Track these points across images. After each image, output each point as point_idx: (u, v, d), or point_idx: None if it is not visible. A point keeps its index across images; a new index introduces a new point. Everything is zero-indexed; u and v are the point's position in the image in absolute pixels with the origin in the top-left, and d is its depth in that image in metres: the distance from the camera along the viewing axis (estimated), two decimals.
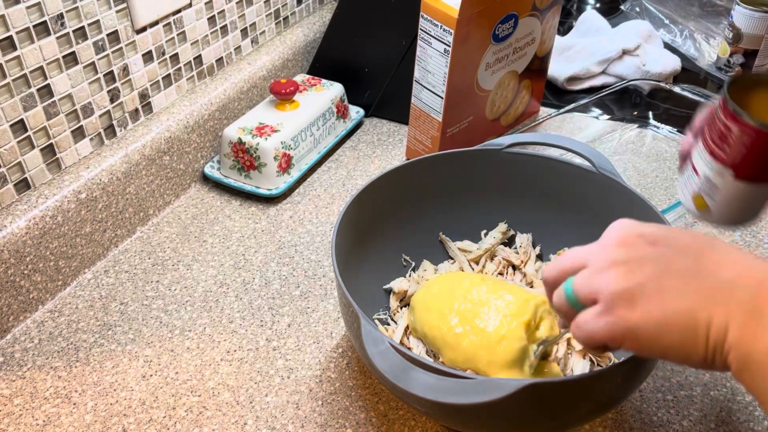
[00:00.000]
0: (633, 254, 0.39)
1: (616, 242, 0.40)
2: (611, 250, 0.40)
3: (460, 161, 0.67)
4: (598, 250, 0.41)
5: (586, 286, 0.40)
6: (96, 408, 0.59)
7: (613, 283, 0.39)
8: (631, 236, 0.40)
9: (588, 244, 0.43)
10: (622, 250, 0.40)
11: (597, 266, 0.40)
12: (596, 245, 0.42)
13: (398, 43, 0.93)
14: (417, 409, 0.54)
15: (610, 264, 0.39)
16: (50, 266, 0.68)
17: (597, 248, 0.41)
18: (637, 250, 0.39)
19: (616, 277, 0.39)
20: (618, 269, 0.39)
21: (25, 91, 0.65)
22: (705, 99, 0.89)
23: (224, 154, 0.83)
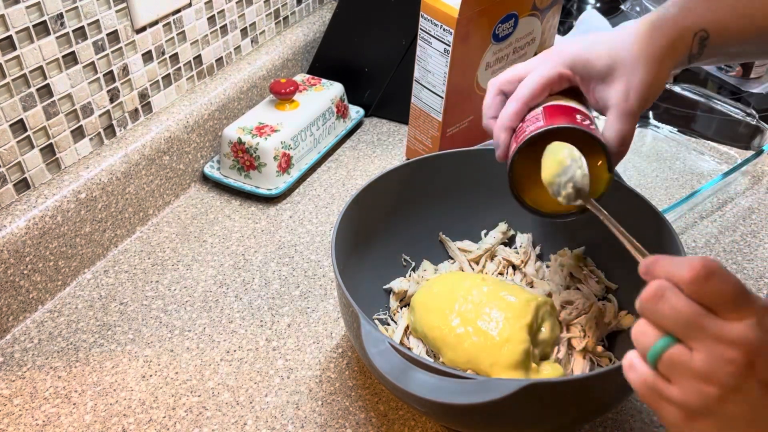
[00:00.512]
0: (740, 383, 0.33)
1: (742, 360, 0.33)
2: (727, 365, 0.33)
3: (460, 161, 0.67)
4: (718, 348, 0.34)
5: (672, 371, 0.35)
6: (96, 408, 0.59)
7: (694, 405, 0.34)
8: (759, 362, 0.33)
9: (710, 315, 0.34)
10: (736, 376, 0.33)
11: (701, 365, 0.34)
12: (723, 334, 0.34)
13: (398, 43, 0.93)
14: (417, 409, 0.54)
15: (711, 377, 0.34)
16: (50, 266, 0.68)
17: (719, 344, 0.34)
18: (747, 382, 0.33)
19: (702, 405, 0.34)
20: (712, 400, 0.34)
21: (25, 91, 0.65)
22: (705, 99, 0.89)
23: (224, 154, 0.83)
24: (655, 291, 0.35)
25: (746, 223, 0.78)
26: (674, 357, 0.35)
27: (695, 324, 0.34)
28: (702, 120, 0.91)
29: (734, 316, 0.34)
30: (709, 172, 0.86)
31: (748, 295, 0.34)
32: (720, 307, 0.34)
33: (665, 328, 0.35)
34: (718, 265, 0.34)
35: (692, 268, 0.34)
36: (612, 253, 0.66)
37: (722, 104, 0.89)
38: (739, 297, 0.34)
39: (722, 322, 0.34)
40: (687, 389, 0.34)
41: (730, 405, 0.34)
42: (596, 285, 0.64)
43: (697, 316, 0.34)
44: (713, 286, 0.34)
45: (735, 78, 1.05)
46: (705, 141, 0.91)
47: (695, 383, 0.34)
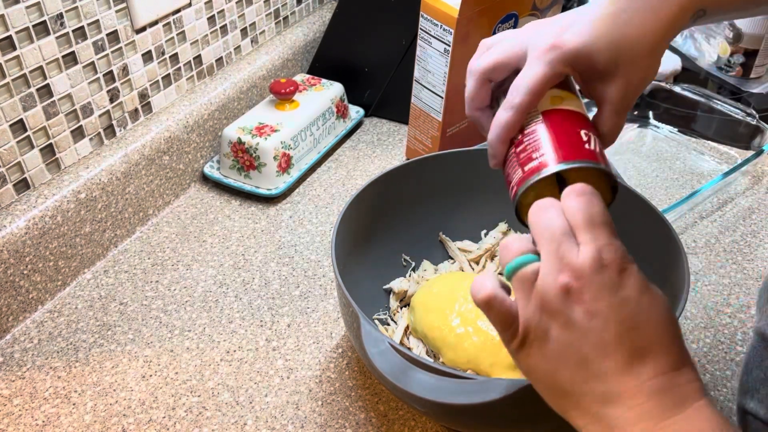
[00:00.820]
0: (566, 312, 0.36)
1: (568, 285, 0.36)
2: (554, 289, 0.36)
3: (460, 161, 0.67)
4: (555, 269, 0.36)
5: (520, 289, 0.38)
6: (95, 408, 0.59)
7: (529, 318, 0.37)
8: (587, 293, 0.35)
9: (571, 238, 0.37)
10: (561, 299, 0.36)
11: (539, 285, 0.37)
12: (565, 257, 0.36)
13: (398, 43, 0.93)
14: (417, 410, 0.54)
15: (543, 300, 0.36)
16: (50, 266, 0.68)
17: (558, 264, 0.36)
18: (573, 311, 0.36)
19: (535, 317, 0.37)
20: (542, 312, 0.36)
21: (25, 91, 0.65)
22: (705, 99, 0.89)
23: (224, 154, 0.83)
24: (544, 203, 0.39)
25: (746, 223, 0.78)
26: (525, 274, 0.37)
27: (554, 238, 0.37)
28: (702, 120, 0.91)
29: (585, 240, 0.36)
30: (709, 172, 0.86)
31: (608, 227, 0.37)
32: (579, 228, 0.37)
33: (534, 237, 0.38)
34: (595, 193, 0.38)
35: (578, 186, 0.38)
36: None
37: (722, 104, 0.89)
38: (598, 224, 0.37)
39: (573, 245, 0.36)
40: (526, 308, 0.37)
41: (556, 328, 0.36)
42: None
43: (560, 232, 0.37)
44: (579, 204, 0.37)
45: (735, 78, 1.05)
46: (705, 141, 0.91)
47: (531, 303, 0.37)
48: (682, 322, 0.66)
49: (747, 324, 0.65)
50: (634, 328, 0.35)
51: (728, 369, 0.61)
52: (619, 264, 0.36)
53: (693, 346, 0.63)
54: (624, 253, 0.37)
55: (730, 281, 0.70)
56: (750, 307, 0.67)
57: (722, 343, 0.64)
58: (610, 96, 0.48)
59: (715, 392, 0.59)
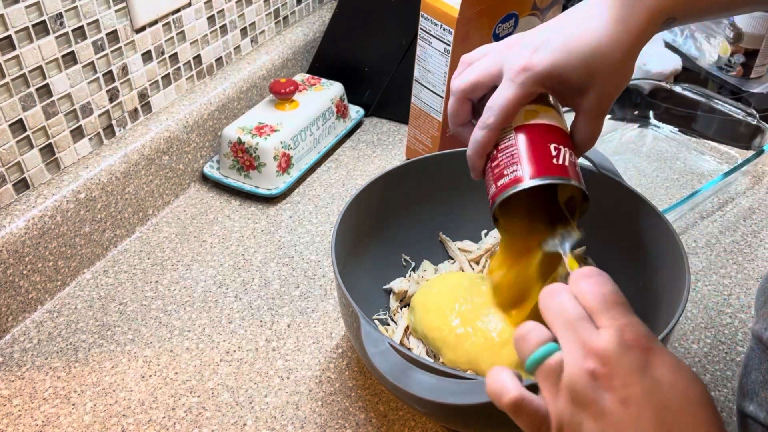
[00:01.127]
0: (598, 402, 0.34)
1: (598, 371, 0.34)
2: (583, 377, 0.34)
3: (460, 161, 0.67)
4: (580, 356, 0.35)
5: (546, 382, 0.36)
6: (95, 408, 0.58)
7: (562, 415, 0.35)
8: (617, 378, 0.34)
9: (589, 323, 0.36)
10: (592, 388, 0.34)
11: (565, 377, 0.35)
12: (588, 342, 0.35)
13: (398, 42, 0.93)
14: (417, 410, 0.54)
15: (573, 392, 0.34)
16: (49, 266, 0.68)
17: (582, 351, 0.35)
18: (606, 400, 0.34)
19: (567, 412, 0.35)
20: (575, 405, 0.34)
21: (24, 91, 0.65)
22: (706, 99, 0.89)
23: (224, 154, 0.83)
24: (554, 288, 0.38)
25: (747, 223, 0.78)
26: (551, 366, 0.36)
27: (571, 324, 0.35)
28: (702, 120, 0.91)
29: (604, 322, 0.35)
30: (709, 172, 0.86)
31: (620, 304, 0.36)
32: (595, 311, 0.36)
33: (549, 325, 0.37)
34: (603, 273, 0.37)
35: (583, 269, 0.38)
36: (612, 253, 0.66)
37: (722, 104, 0.89)
38: (613, 304, 0.35)
39: (592, 329, 0.35)
40: (557, 402, 0.35)
41: (589, 422, 0.34)
42: None
43: (576, 318, 0.36)
44: (590, 286, 0.36)
45: (735, 78, 1.05)
46: (705, 141, 0.91)
47: (562, 397, 0.35)
48: (682, 323, 0.66)
49: (747, 324, 0.65)
50: (670, 412, 0.33)
51: (729, 369, 0.61)
52: (644, 343, 0.34)
53: (693, 346, 0.63)
54: (646, 331, 0.35)
55: (730, 281, 0.70)
56: (750, 308, 0.67)
57: (723, 343, 0.64)
58: (585, 106, 0.50)
59: (715, 392, 0.59)
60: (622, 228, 0.63)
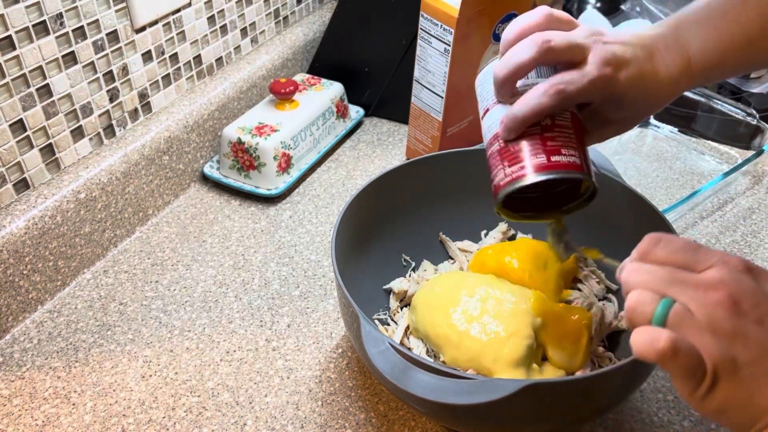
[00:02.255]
0: (740, 328, 0.35)
1: (727, 300, 0.35)
2: (718, 310, 0.35)
3: (460, 161, 0.67)
4: (702, 295, 0.36)
5: (683, 330, 0.36)
6: (95, 408, 0.58)
7: (715, 352, 0.35)
8: (745, 302, 0.35)
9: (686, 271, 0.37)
10: (730, 317, 0.35)
11: (700, 317, 0.35)
12: (702, 281, 0.36)
13: (398, 42, 0.93)
14: (417, 410, 0.54)
15: (714, 327, 0.35)
16: (49, 266, 0.68)
17: (701, 290, 0.36)
18: (745, 324, 0.35)
19: (719, 347, 0.35)
20: (721, 339, 0.35)
21: (24, 91, 0.65)
22: (705, 99, 0.89)
23: (224, 154, 0.83)
24: (629, 268, 0.39)
25: (747, 223, 0.78)
26: (679, 314, 0.36)
27: (673, 279, 0.36)
28: (702, 120, 0.91)
29: (700, 266, 0.37)
30: (709, 172, 0.86)
31: (700, 246, 0.38)
32: (683, 263, 0.37)
33: (656, 289, 0.37)
34: (661, 233, 0.39)
35: (643, 241, 0.39)
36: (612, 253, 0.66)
37: (722, 104, 0.89)
38: (694, 249, 0.37)
39: (695, 274, 0.37)
40: (704, 343, 0.35)
41: (741, 350, 0.35)
42: (597, 285, 0.64)
43: (674, 273, 0.37)
44: (664, 247, 0.38)
45: (735, 78, 1.05)
46: (705, 141, 0.91)
47: (707, 336, 0.35)
48: None
49: None
50: None
51: None
52: (745, 263, 0.36)
53: None
54: (735, 256, 0.37)
55: None
56: None
57: None
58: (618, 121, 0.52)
59: None
60: (622, 228, 0.63)
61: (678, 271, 0.37)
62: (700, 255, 0.37)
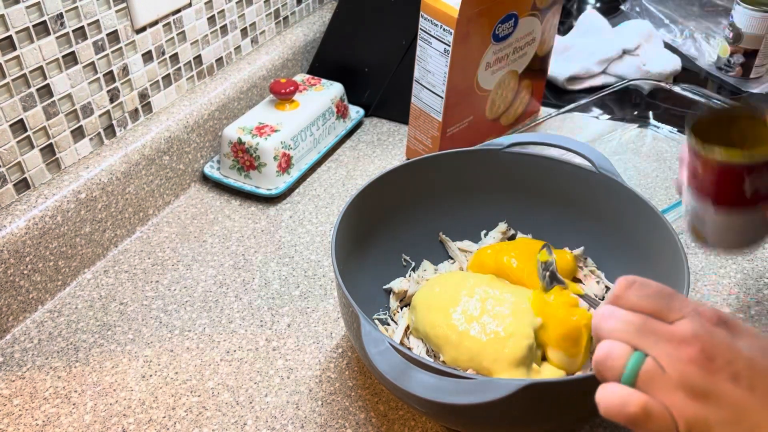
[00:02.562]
0: (713, 387, 0.33)
1: (700, 356, 0.33)
2: (690, 367, 0.33)
3: (460, 161, 0.67)
4: (674, 349, 0.34)
5: (654, 388, 0.34)
6: (95, 408, 0.59)
7: (687, 412, 0.33)
8: (719, 358, 0.33)
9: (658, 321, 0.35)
10: (703, 375, 0.33)
11: (671, 373, 0.34)
12: (674, 334, 0.34)
13: (398, 43, 0.93)
14: (417, 410, 0.54)
15: (686, 385, 0.33)
16: (50, 266, 0.68)
17: (673, 344, 0.34)
18: (718, 382, 0.33)
19: (691, 407, 0.33)
20: (694, 398, 0.33)
21: (25, 91, 0.65)
22: (705, 99, 0.89)
23: (224, 154, 0.83)
24: (601, 311, 0.37)
25: None
26: (650, 371, 0.34)
27: (646, 329, 0.35)
28: None
29: (673, 316, 0.35)
30: None
31: (676, 294, 0.36)
32: (656, 311, 0.35)
33: (624, 340, 0.35)
34: (637, 276, 0.37)
35: (617, 284, 0.37)
36: (612, 253, 0.66)
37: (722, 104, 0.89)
38: (667, 296, 0.36)
39: (667, 324, 0.35)
40: (676, 403, 0.33)
41: (713, 411, 0.33)
42: (596, 285, 0.65)
43: (645, 322, 0.35)
44: (637, 292, 0.36)
45: (735, 78, 1.05)
46: None
47: (679, 395, 0.33)
48: None
49: (747, 324, 0.65)
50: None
51: None
52: (719, 315, 0.35)
53: None
54: (710, 307, 0.36)
55: (730, 281, 0.70)
56: (750, 307, 0.67)
57: None
58: None
59: None
60: (622, 228, 0.63)
61: (650, 321, 0.35)
62: (674, 303, 0.35)
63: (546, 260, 0.57)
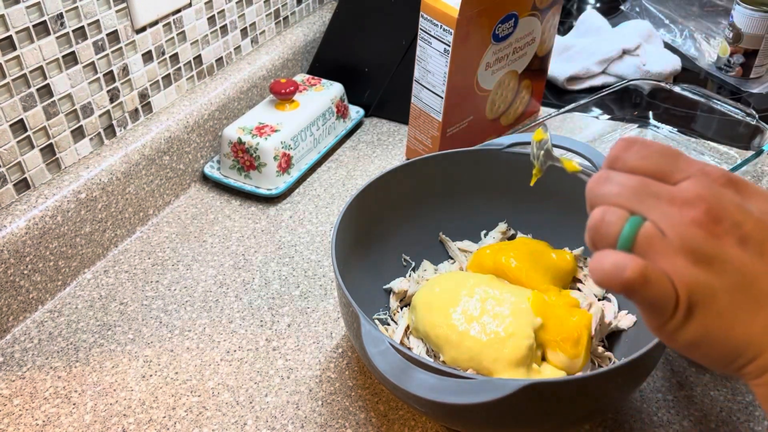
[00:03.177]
0: (718, 251, 0.30)
1: (705, 218, 0.30)
2: (694, 229, 0.30)
3: (460, 161, 0.67)
4: (676, 211, 0.31)
5: (653, 253, 0.31)
6: (96, 408, 0.59)
7: (689, 279, 0.30)
8: (725, 220, 0.30)
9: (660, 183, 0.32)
10: (707, 237, 0.30)
11: (673, 238, 0.30)
12: (677, 195, 0.31)
13: (398, 43, 0.93)
14: (417, 409, 0.54)
15: (689, 249, 0.30)
16: (50, 266, 0.68)
17: (675, 206, 0.31)
18: (725, 246, 0.30)
19: (694, 273, 0.30)
20: (697, 263, 0.30)
21: (25, 91, 0.65)
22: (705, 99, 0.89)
23: (224, 154, 0.83)
24: (599, 175, 0.33)
25: None
26: (649, 235, 0.31)
27: (645, 191, 0.31)
28: (702, 120, 0.91)
29: (677, 177, 0.32)
30: None
31: (679, 153, 0.33)
32: (658, 172, 0.32)
33: (623, 205, 0.32)
34: (636, 136, 0.33)
35: (615, 145, 0.33)
36: None
37: (722, 104, 0.89)
38: (672, 155, 0.32)
39: (669, 186, 0.32)
40: (677, 268, 0.30)
41: (718, 277, 0.30)
42: (596, 285, 0.65)
43: (644, 184, 0.32)
44: (638, 151, 0.33)
45: (735, 78, 1.05)
46: (705, 141, 0.91)
47: (680, 259, 0.30)
48: None
49: None
50: None
51: None
52: (727, 175, 0.31)
53: None
54: (718, 167, 0.32)
55: None
56: None
57: None
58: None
59: (715, 392, 0.59)
60: None
61: (650, 182, 0.32)
62: (679, 163, 0.32)
63: (541, 139, 0.52)
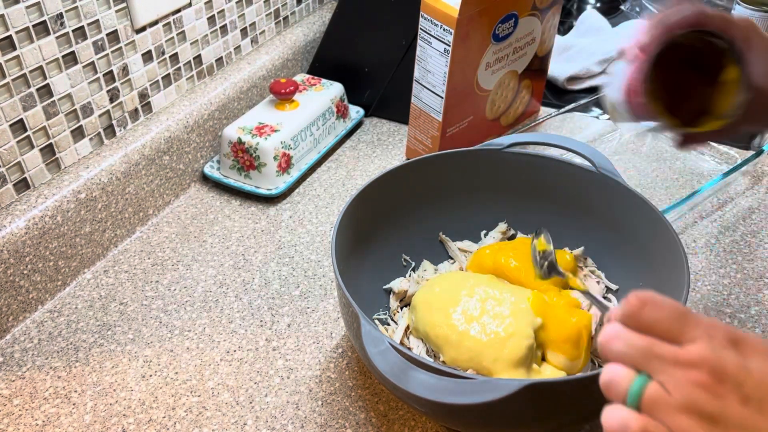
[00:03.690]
0: (721, 410, 0.33)
1: (708, 379, 0.33)
2: (697, 390, 0.33)
3: (460, 161, 0.67)
4: (680, 373, 0.34)
5: (658, 411, 0.34)
6: (95, 408, 0.59)
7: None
8: (728, 381, 0.33)
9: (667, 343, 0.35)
10: (710, 398, 0.33)
11: (677, 397, 0.33)
12: (682, 358, 0.34)
13: (398, 43, 0.93)
14: (417, 409, 0.54)
15: (693, 409, 0.33)
16: (50, 266, 0.68)
17: (680, 368, 0.34)
18: (726, 404, 0.33)
19: (693, 430, 0.33)
20: (700, 422, 0.33)
21: (25, 91, 0.65)
22: None
23: (224, 154, 0.83)
24: (608, 332, 0.36)
25: (746, 223, 0.78)
26: (654, 394, 0.34)
27: (651, 353, 0.34)
28: None
29: (684, 338, 0.34)
30: (709, 172, 0.86)
31: (689, 314, 0.35)
32: (666, 333, 0.35)
33: (629, 363, 0.35)
34: (651, 294, 0.36)
35: (626, 302, 0.36)
36: (612, 253, 0.66)
37: None
38: (680, 317, 0.35)
39: (675, 347, 0.34)
40: (681, 426, 0.33)
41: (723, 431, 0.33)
42: (596, 285, 0.64)
43: (651, 345, 0.35)
44: (649, 313, 0.35)
45: None
46: None
47: (683, 418, 0.33)
48: None
49: (747, 324, 0.65)
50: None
51: None
52: (730, 336, 0.34)
53: None
54: (724, 324, 0.35)
55: (730, 281, 0.70)
56: (750, 307, 0.67)
57: None
58: None
59: None
60: (622, 228, 0.63)
61: (658, 344, 0.35)
62: (687, 325, 0.35)
63: (544, 249, 0.55)
